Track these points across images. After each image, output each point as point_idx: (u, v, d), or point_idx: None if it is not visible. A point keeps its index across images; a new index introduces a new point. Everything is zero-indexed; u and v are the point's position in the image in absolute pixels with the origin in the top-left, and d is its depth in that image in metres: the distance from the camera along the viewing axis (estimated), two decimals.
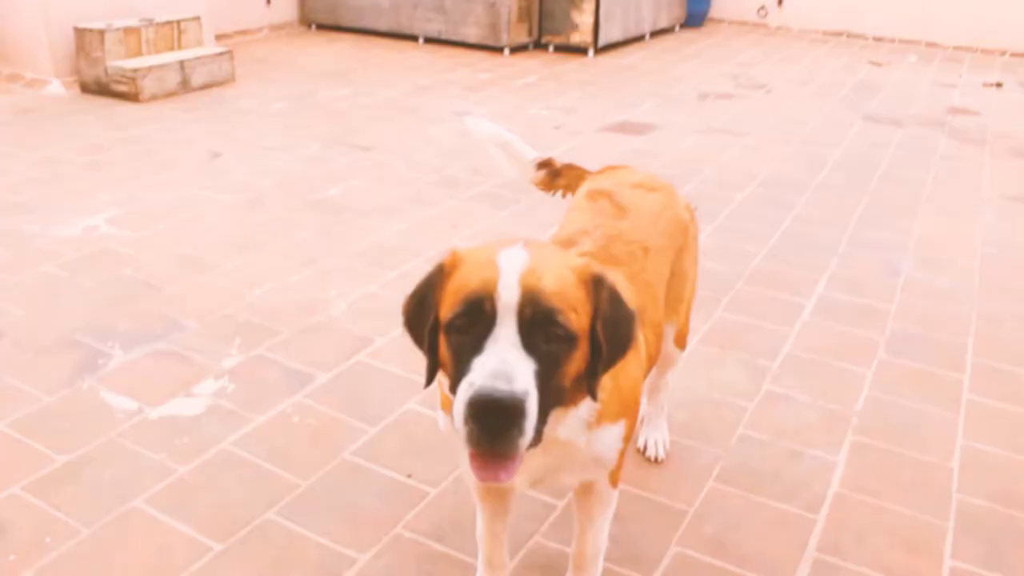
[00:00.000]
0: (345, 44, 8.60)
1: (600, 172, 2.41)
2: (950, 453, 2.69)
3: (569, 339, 1.45)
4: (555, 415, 1.54)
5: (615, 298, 1.56)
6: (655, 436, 2.65)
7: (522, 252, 1.48)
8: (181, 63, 6.48)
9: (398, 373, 2.99)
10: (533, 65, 7.92)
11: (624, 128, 6.03)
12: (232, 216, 4.28)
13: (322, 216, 4.32)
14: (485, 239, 4.20)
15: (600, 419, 1.66)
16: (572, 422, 1.63)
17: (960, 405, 2.93)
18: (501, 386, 1.34)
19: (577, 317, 1.47)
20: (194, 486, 2.42)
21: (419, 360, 1.61)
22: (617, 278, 1.85)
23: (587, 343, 1.51)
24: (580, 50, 8.43)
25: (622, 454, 1.81)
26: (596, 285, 1.52)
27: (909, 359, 3.21)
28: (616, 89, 7.15)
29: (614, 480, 1.89)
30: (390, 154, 5.31)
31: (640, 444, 2.64)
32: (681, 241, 2.26)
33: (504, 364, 1.37)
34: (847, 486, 2.54)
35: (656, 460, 2.61)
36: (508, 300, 1.41)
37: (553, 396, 1.47)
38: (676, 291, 2.26)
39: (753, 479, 2.56)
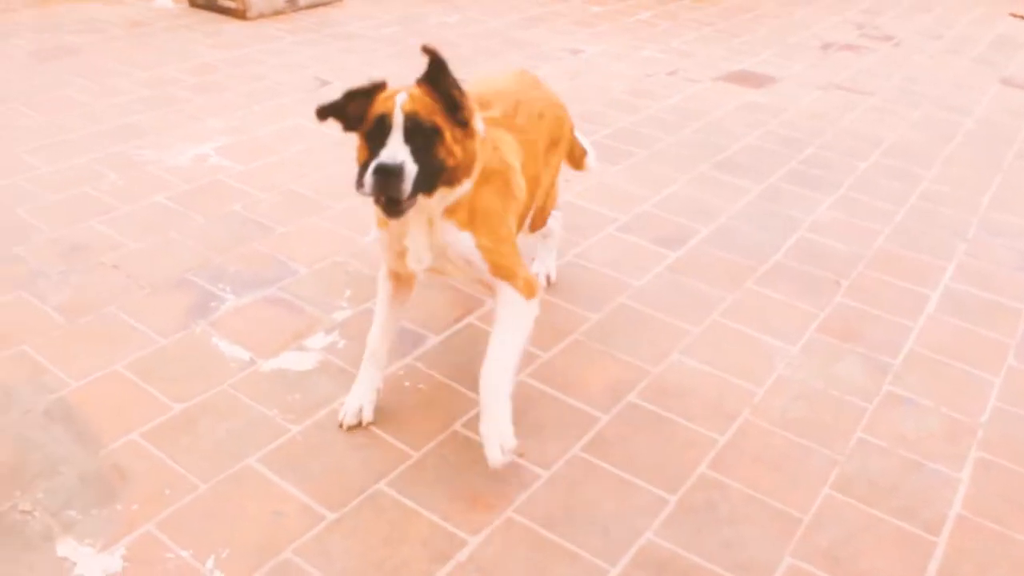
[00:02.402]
0: None
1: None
2: None
3: (434, 132, 2.16)
4: (441, 193, 2.24)
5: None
6: (536, 268, 3.24)
7: (403, 94, 2.17)
8: None
9: None
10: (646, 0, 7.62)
11: (742, 79, 5.76)
12: (340, 152, 4.23)
13: None
14: (596, 193, 4.11)
15: (462, 225, 2.32)
16: (447, 226, 2.32)
17: None
18: (390, 160, 2.09)
19: (440, 119, 2.17)
20: (306, 447, 2.44)
21: (538, 331, 1.54)
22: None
23: (448, 128, 2.17)
24: None
25: (502, 256, 2.35)
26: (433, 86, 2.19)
27: None
28: (734, 33, 6.83)
29: (524, 288, 2.37)
30: None
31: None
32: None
33: (394, 152, 2.11)
34: (970, 508, 2.42)
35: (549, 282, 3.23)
36: (397, 119, 2.14)
37: (436, 173, 2.18)
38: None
39: (871, 489, 2.46)
